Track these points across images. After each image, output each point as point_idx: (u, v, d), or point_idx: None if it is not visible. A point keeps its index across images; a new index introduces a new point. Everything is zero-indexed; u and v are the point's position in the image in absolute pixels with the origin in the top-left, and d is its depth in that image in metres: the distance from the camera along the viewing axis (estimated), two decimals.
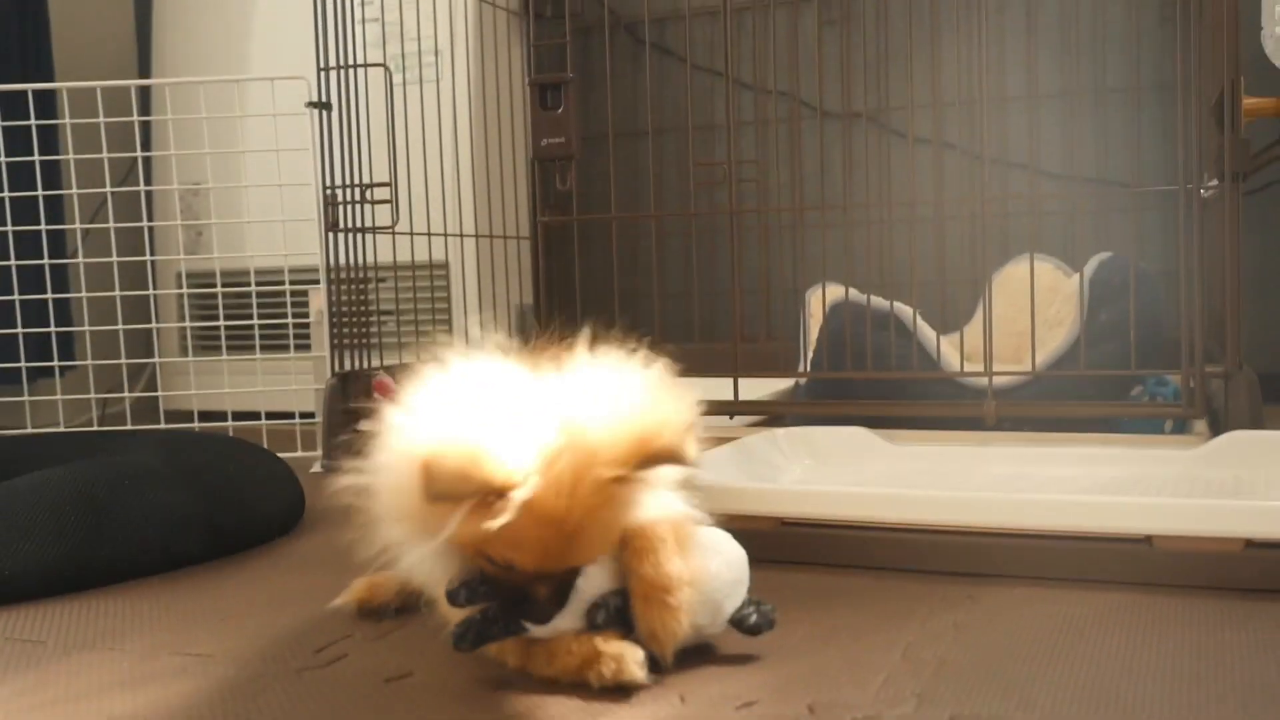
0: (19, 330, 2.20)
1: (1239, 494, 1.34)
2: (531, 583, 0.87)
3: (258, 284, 2.25)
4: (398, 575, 1.15)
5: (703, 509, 0.99)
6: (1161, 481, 1.42)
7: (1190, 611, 1.05)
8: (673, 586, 0.90)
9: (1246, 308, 1.65)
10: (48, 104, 2.34)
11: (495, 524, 0.80)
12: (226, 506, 1.45)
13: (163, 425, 2.31)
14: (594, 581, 0.91)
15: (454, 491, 0.79)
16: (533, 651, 0.92)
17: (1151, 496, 1.31)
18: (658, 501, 0.89)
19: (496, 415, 0.83)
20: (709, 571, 0.93)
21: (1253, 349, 1.70)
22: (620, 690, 0.88)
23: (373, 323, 2.14)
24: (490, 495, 0.80)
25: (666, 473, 0.88)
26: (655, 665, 0.90)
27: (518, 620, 0.89)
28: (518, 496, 0.80)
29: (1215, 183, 1.68)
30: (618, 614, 0.91)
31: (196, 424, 2.27)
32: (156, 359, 2.42)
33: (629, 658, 0.88)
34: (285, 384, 2.25)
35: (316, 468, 2.03)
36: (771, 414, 2.00)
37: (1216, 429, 1.59)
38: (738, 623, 0.95)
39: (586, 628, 0.90)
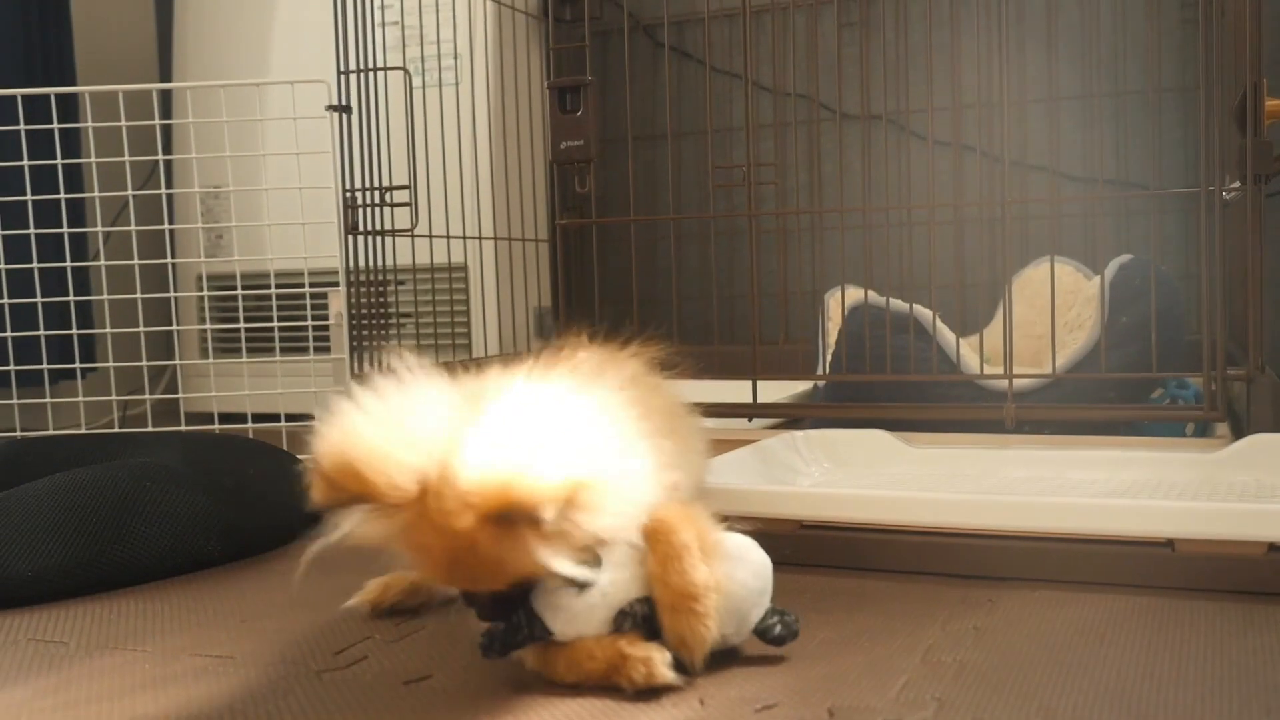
0: (41, 332, 2.21)
1: (1261, 497, 1.33)
2: (469, 595, 0.88)
3: (277, 286, 2.26)
4: (411, 575, 1.16)
5: (723, 513, 0.99)
6: (1183, 485, 1.41)
7: (1212, 616, 1.04)
8: (699, 594, 0.89)
9: (1269, 310, 1.64)
10: (70, 107, 2.35)
11: (353, 530, 0.83)
12: (246, 508, 1.46)
13: (183, 427, 2.32)
14: (620, 588, 0.91)
15: (332, 497, 0.82)
16: (551, 658, 0.92)
17: (1173, 500, 1.31)
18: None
19: (398, 434, 0.83)
20: (735, 581, 0.93)
21: (1275, 352, 1.69)
22: (651, 692, 0.89)
23: (392, 325, 2.15)
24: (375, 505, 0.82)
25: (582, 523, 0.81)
26: (680, 666, 0.90)
27: (541, 627, 0.90)
28: (390, 502, 0.81)
29: (1237, 185, 1.67)
30: (644, 622, 0.91)
31: (217, 426, 2.28)
32: (177, 361, 2.43)
33: (657, 659, 0.88)
34: (305, 386, 2.26)
35: None
36: (790, 416, 1.99)
37: (1238, 432, 1.58)
38: (762, 633, 0.95)
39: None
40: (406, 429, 0.84)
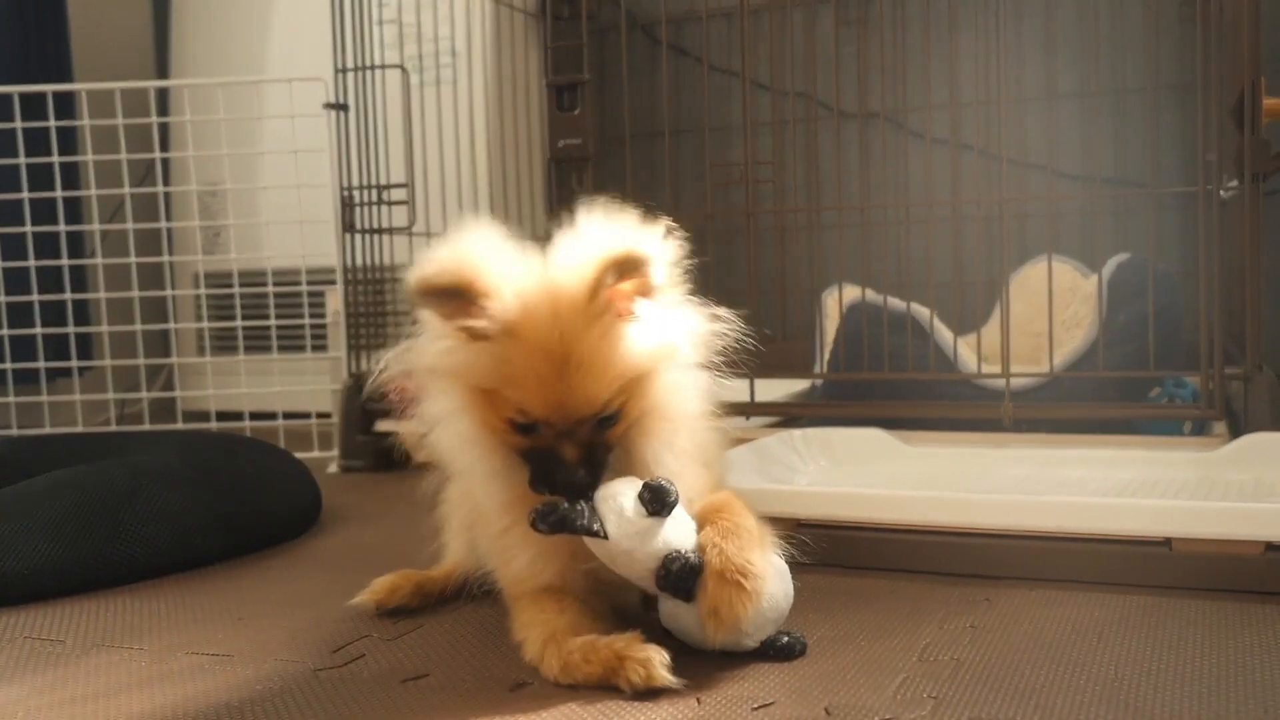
0: (38, 330, 2.21)
1: (1259, 496, 1.33)
2: (558, 442, 0.92)
3: (275, 284, 2.26)
4: (416, 575, 1.16)
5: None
6: (1180, 484, 1.41)
7: (1210, 615, 1.04)
8: (751, 572, 0.92)
9: (1266, 309, 1.64)
10: (67, 105, 2.35)
11: (483, 333, 0.88)
12: (243, 506, 1.45)
13: (180, 425, 2.32)
14: (679, 534, 0.93)
15: (435, 285, 0.88)
16: (547, 659, 0.93)
17: (1170, 499, 1.31)
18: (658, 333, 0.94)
19: (485, 251, 0.92)
20: (776, 591, 0.95)
21: (1273, 350, 1.69)
22: (648, 691, 0.89)
23: (389, 323, 2.15)
24: (475, 309, 0.88)
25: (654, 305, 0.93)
26: (676, 665, 0.91)
27: (600, 525, 0.91)
28: (497, 306, 0.88)
29: (1235, 183, 1.67)
30: (688, 573, 0.92)
31: (214, 424, 2.27)
32: (174, 359, 2.43)
33: (655, 661, 0.89)
34: (302, 384, 2.25)
35: (333, 468, 2.04)
36: (788, 415, 1.99)
37: (1236, 431, 1.58)
38: (769, 643, 0.97)
39: (661, 572, 0.92)
40: (489, 250, 0.92)
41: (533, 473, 0.93)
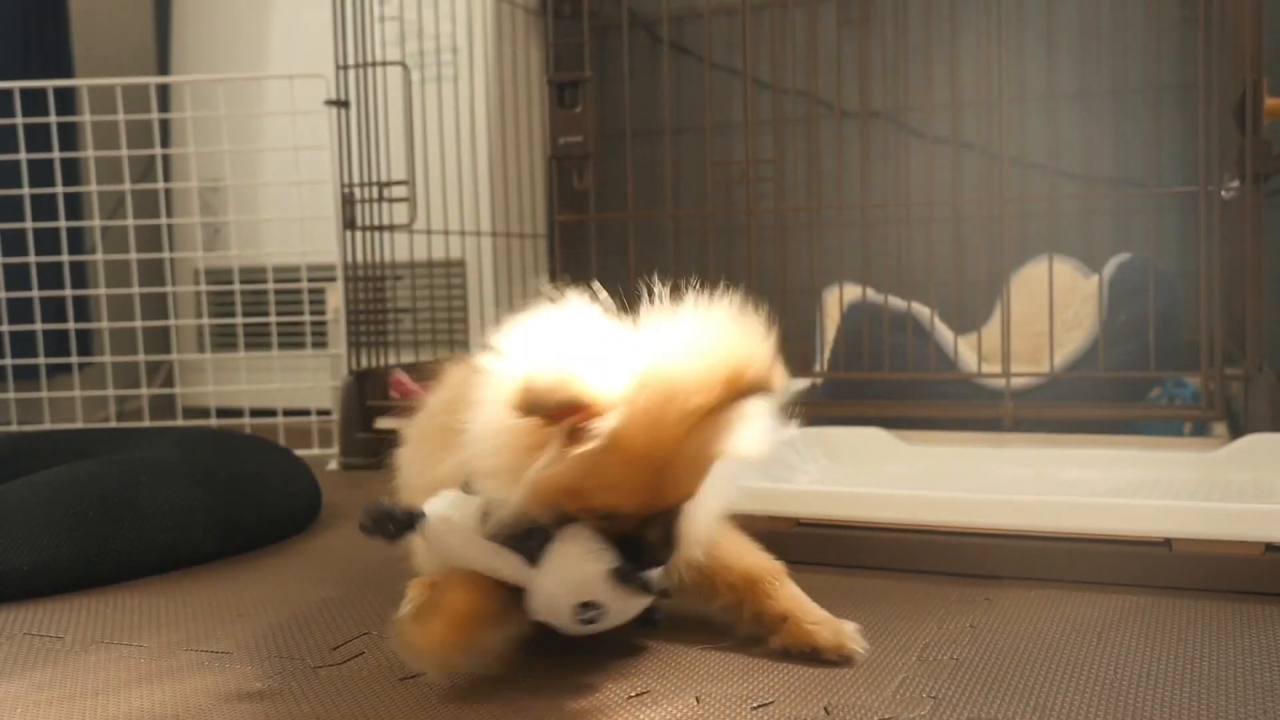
0: (38, 326, 2.20)
1: (1259, 497, 1.33)
2: (641, 528, 0.91)
3: (275, 281, 2.26)
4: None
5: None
6: (1180, 484, 1.41)
7: (1210, 615, 1.04)
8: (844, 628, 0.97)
9: (1267, 309, 1.64)
10: (68, 101, 2.35)
11: (588, 448, 0.83)
12: (243, 503, 1.45)
13: (180, 422, 2.32)
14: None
15: (546, 403, 0.82)
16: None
17: (1170, 499, 1.30)
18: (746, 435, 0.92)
19: (583, 352, 0.86)
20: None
21: (1274, 351, 1.68)
22: (647, 691, 0.89)
23: (390, 320, 2.15)
24: (580, 419, 0.83)
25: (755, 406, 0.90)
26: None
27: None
28: (607, 422, 0.83)
29: (1236, 184, 1.67)
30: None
31: (214, 420, 2.27)
32: (174, 355, 2.42)
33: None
34: (302, 381, 2.25)
35: (333, 465, 2.03)
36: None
37: (1236, 431, 1.58)
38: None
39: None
40: (588, 350, 0.87)
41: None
